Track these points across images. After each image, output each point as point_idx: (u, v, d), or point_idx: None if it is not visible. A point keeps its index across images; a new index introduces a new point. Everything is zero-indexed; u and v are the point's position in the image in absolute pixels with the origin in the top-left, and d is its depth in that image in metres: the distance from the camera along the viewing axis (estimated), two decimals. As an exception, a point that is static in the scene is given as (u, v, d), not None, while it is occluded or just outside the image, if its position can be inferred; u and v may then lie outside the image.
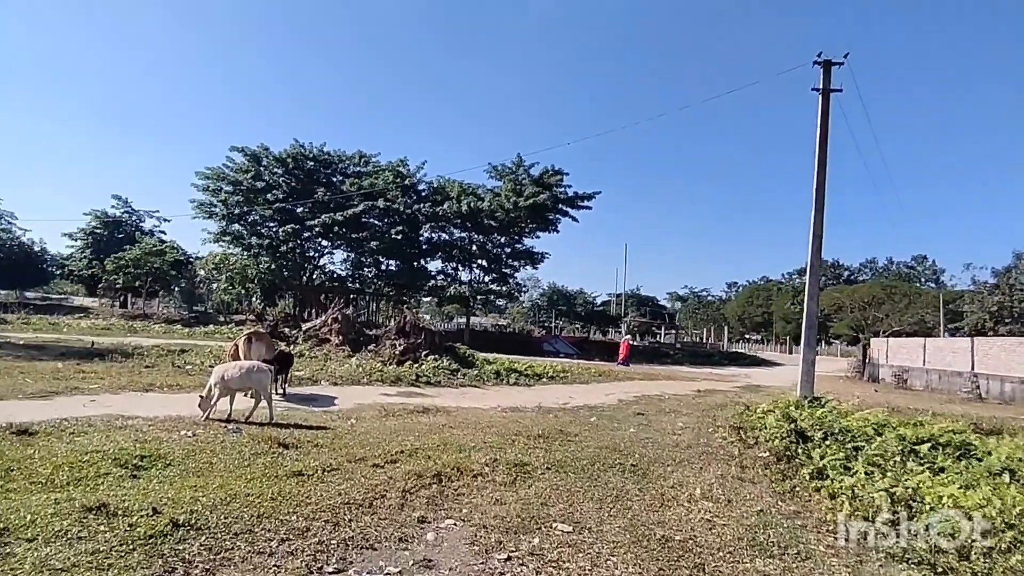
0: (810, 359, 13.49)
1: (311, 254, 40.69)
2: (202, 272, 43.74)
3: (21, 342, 17.42)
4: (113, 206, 49.13)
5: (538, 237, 40.37)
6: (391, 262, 40.52)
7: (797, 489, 6.38)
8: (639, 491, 5.94)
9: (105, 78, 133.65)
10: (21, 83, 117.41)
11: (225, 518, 4.22)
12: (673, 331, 66.98)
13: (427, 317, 42.46)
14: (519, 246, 40.30)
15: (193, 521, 4.06)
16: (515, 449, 7.36)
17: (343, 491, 5.14)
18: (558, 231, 39.16)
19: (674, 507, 5.51)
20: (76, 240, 47.71)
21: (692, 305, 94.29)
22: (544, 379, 18.19)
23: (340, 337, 17.61)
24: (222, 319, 35.98)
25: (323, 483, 5.37)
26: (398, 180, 38.02)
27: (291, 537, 4.09)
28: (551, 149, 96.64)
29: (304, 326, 20.17)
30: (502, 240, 39.84)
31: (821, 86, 13.49)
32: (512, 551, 4.20)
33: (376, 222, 38.46)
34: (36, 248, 42.73)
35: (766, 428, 9.31)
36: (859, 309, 35.69)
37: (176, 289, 42.87)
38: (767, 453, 7.87)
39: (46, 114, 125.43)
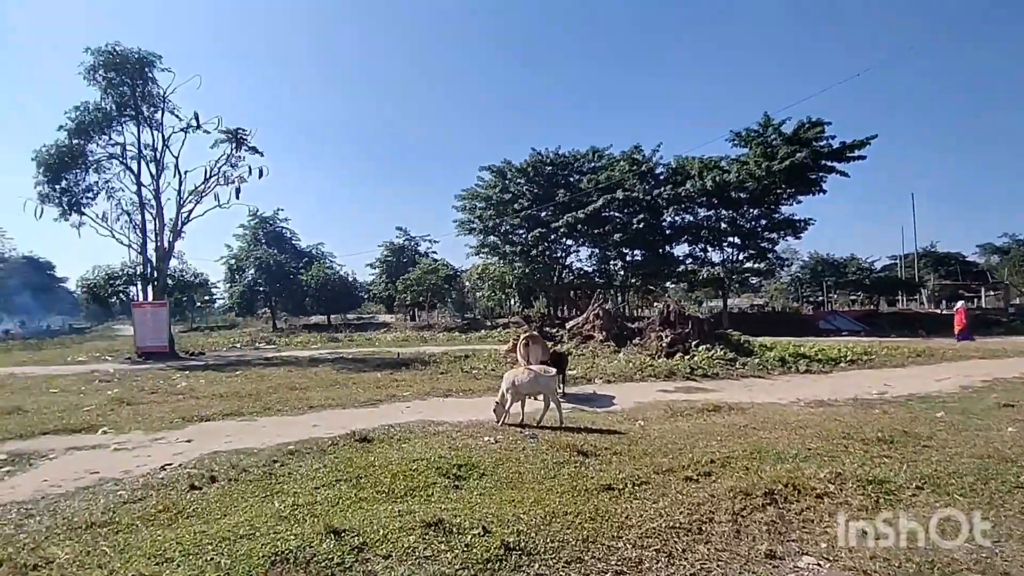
0: None
1: (559, 254, 42.24)
2: (468, 283, 49.15)
3: (350, 356, 21.40)
4: (397, 236, 58.53)
5: (799, 202, 34.93)
6: (636, 252, 39.71)
7: None
8: (1092, 529, 4.08)
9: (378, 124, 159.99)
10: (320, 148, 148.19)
11: (551, 541, 3.94)
12: (996, 292, 52.20)
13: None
14: (776, 216, 35.51)
15: (523, 544, 3.85)
16: (853, 459, 5.90)
17: (662, 511, 4.53)
18: (824, 191, 33.44)
19: None
20: (375, 268, 58.24)
21: (1017, 257, 71.52)
22: (842, 363, 15.37)
23: (603, 333, 17.45)
24: (488, 323, 39.62)
25: (636, 500, 4.85)
26: (634, 168, 37.04)
27: (625, 570, 3.62)
28: (806, 100, 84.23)
29: (568, 324, 20.62)
30: (755, 212, 35.60)
31: None
32: (928, 619, 3.04)
33: (616, 214, 38.00)
34: (350, 279, 52.97)
35: None
36: None
37: (449, 300, 48.86)
38: None
39: (342, 169, 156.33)
